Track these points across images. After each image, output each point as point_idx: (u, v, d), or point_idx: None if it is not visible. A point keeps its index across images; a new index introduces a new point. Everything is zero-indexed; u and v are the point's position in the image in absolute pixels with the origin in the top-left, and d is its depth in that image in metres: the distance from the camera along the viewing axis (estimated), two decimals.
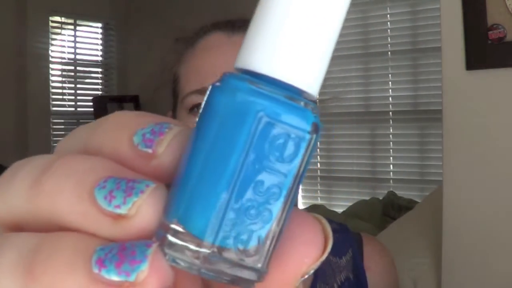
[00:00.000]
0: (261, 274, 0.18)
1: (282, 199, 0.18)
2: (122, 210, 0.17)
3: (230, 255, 0.18)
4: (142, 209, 0.17)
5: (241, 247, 0.18)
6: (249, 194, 0.18)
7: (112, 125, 0.19)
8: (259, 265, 0.18)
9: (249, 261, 0.18)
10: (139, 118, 0.19)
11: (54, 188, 0.18)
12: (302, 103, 0.18)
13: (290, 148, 0.18)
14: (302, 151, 0.18)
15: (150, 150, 0.18)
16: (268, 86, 0.18)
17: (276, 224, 0.18)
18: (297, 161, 0.18)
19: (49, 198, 0.18)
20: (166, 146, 0.18)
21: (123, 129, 0.19)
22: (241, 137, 0.17)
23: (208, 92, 0.19)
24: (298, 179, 0.18)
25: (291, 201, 0.18)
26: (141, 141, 0.19)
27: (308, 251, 0.19)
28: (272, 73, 0.18)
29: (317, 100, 0.81)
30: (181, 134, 0.19)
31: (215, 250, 0.18)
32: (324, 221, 0.19)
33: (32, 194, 0.18)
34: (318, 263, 0.19)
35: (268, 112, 0.18)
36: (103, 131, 0.19)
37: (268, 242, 0.18)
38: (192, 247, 0.17)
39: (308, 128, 0.18)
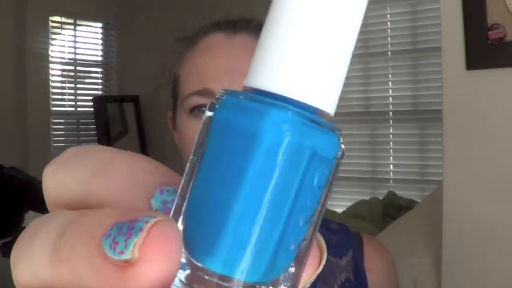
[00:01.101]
0: None
1: (315, 225, 0.18)
2: (126, 255, 0.15)
3: (280, 285, 0.18)
4: (146, 251, 0.15)
5: (287, 276, 0.18)
6: (296, 230, 0.17)
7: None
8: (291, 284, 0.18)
9: (290, 284, 0.18)
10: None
11: (70, 254, 0.16)
12: (327, 127, 0.18)
13: (324, 176, 0.18)
14: (332, 176, 0.18)
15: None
16: (301, 109, 0.17)
17: (308, 248, 0.18)
18: (328, 187, 0.18)
19: (69, 266, 0.16)
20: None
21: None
22: (295, 178, 0.17)
23: (224, 111, 0.17)
24: (328, 200, 0.19)
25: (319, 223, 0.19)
26: (161, 209, 0.18)
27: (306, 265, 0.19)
28: (302, 98, 0.17)
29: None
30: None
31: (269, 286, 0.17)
32: (318, 234, 0.19)
33: (53, 263, 0.17)
34: (314, 276, 0.19)
35: (315, 147, 0.17)
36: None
37: (305, 262, 0.18)
38: None
39: (338, 153, 0.18)
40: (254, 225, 0.16)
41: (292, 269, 0.18)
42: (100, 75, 3.51)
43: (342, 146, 0.18)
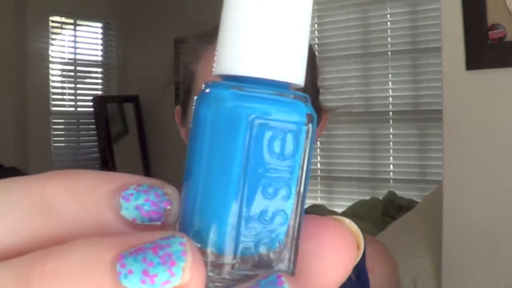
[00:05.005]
0: (289, 274, 0.18)
1: (293, 196, 0.18)
2: (174, 283, 0.15)
3: (255, 263, 0.17)
4: (194, 272, 0.15)
5: (264, 253, 0.18)
6: (258, 199, 0.17)
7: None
8: (285, 266, 0.18)
9: (274, 264, 0.18)
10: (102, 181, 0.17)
11: None
12: (291, 96, 0.18)
13: (289, 144, 0.18)
14: (302, 144, 0.18)
15: (158, 223, 0.17)
16: (253, 87, 0.18)
17: (293, 222, 0.18)
18: (299, 155, 0.18)
19: None
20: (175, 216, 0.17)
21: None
22: (237, 145, 0.17)
23: (194, 105, 0.18)
24: (305, 172, 0.18)
25: (302, 195, 0.18)
26: (138, 215, 0.16)
27: (346, 256, 0.19)
28: (253, 73, 0.18)
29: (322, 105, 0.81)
30: (176, 195, 0.17)
31: (239, 261, 0.17)
32: (349, 221, 0.19)
33: None
34: (357, 260, 0.19)
35: (259, 113, 0.17)
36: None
37: (289, 241, 0.18)
38: (215, 265, 0.17)
39: (303, 119, 0.18)
40: (195, 192, 0.17)
41: (282, 247, 0.18)
42: (100, 75, 3.51)
43: (310, 112, 0.18)
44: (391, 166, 2.82)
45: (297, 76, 0.19)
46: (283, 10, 0.18)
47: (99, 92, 3.48)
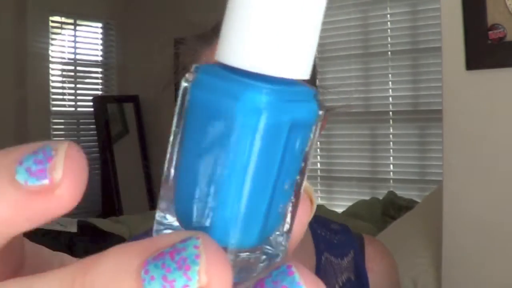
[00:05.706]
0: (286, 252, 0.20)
1: (301, 187, 0.19)
2: (193, 285, 0.15)
3: (269, 249, 0.19)
4: (213, 272, 0.15)
5: (274, 239, 0.19)
6: (282, 194, 0.18)
7: None
8: (285, 247, 0.19)
9: (280, 246, 0.19)
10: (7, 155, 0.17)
11: None
12: (304, 95, 0.19)
13: (307, 140, 0.19)
14: (313, 138, 0.19)
15: (46, 181, 0.16)
16: (288, 92, 0.18)
17: (296, 210, 0.19)
18: (310, 149, 0.19)
19: None
20: (62, 170, 0.16)
21: None
22: (277, 152, 0.18)
23: (223, 105, 0.17)
24: (309, 162, 0.19)
25: (303, 184, 0.20)
26: (28, 177, 0.16)
27: (303, 214, 0.20)
28: (273, 71, 0.18)
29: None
30: (71, 150, 0.17)
31: (259, 250, 0.18)
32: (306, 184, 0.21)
33: None
34: (312, 215, 0.21)
35: (293, 120, 0.18)
36: None
37: (292, 227, 0.19)
38: (249, 258, 0.18)
39: (318, 116, 0.19)
40: (241, 199, 0.17)
41: (284, 228, 0.19)
42: (100, 75, 3.51)
43: (321, 106, 0.19)
44: (391, 166, 2.83)
45: (308, 72, 0.19)
46: (304, 9, 0.18)
47: (99, 92, 3.48)
